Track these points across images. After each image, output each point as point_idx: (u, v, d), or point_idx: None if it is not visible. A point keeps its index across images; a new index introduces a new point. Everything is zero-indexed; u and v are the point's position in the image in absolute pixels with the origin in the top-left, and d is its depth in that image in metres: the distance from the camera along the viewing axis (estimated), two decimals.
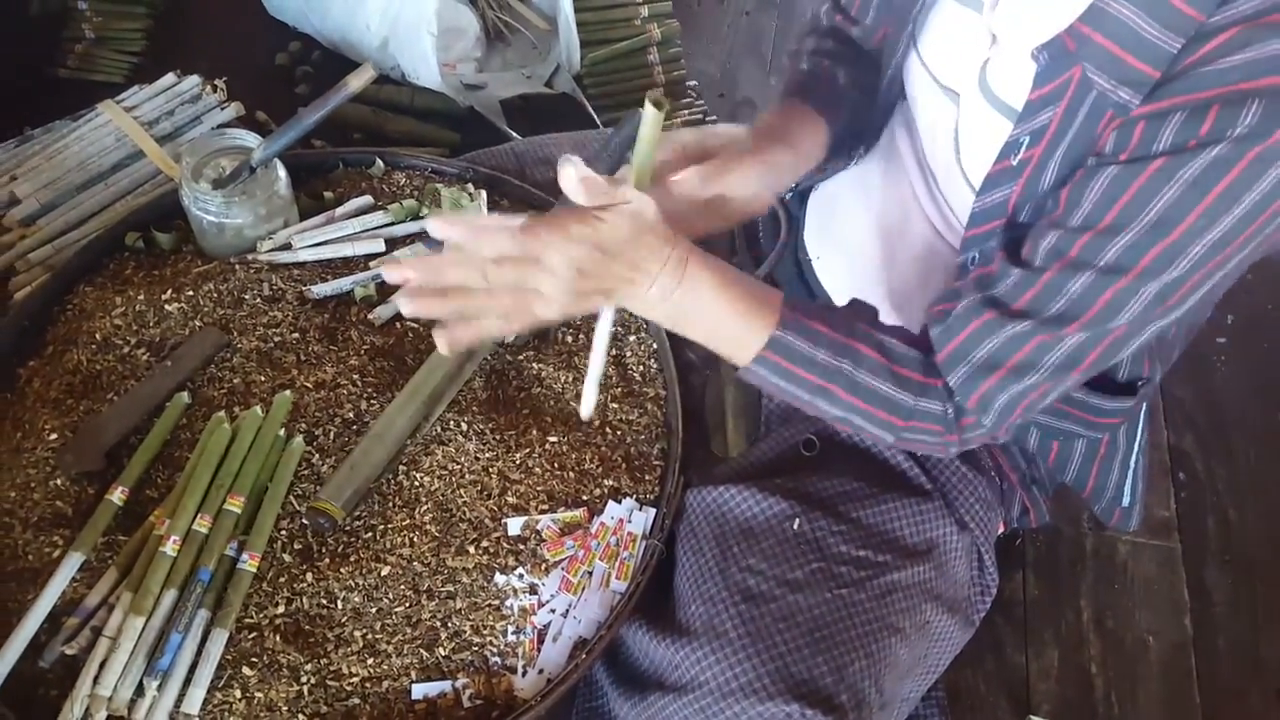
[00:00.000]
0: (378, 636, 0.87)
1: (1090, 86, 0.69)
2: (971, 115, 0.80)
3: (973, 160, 0.81)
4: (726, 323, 0.76)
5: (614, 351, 1.06)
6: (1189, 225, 0.65)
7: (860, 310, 0.82)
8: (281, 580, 0.89)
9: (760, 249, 1.14)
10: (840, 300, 1.02)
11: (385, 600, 0.88)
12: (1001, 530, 1.06)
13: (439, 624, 0.88)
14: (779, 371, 0.77)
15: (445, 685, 0.85)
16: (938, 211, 0.91)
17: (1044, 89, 0.72)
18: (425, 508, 0.93)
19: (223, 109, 1.38)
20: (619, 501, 0.95)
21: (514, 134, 1.50)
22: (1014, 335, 0.73)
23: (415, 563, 0.90)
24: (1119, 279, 0.68)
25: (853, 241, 1.01)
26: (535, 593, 0.90)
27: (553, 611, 0.89)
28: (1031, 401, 0.76)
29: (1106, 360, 0.74)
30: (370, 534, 0.92)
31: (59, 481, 0.92)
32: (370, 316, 1.05)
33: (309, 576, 0.89)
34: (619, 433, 1.00)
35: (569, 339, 1.06)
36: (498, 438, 0.97)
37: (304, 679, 0.84)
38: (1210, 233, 0.65)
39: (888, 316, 0.98)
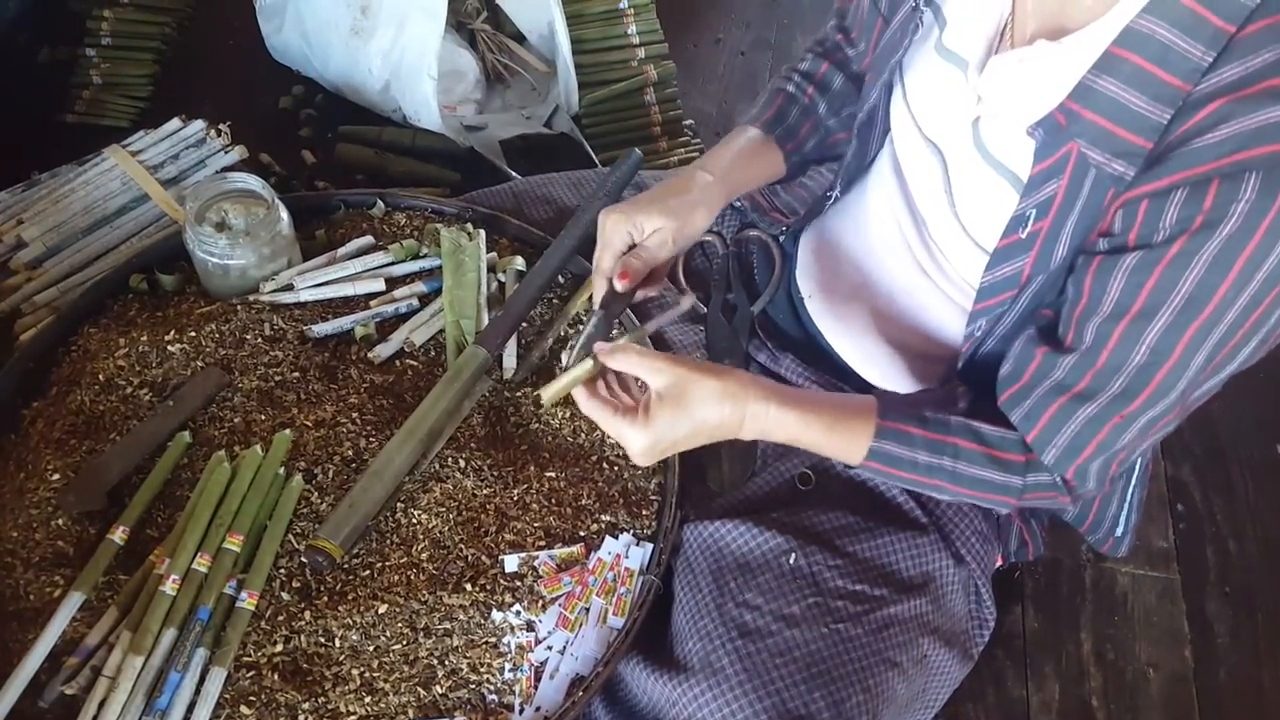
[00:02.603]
0: (375, 675, 0.87)
1: (1089, 159, 0.70)
2: (966, 172, 0.82)
3: (973, 216, 0.83)
4: (823, 444, 0.83)
5: None
6: (1219, 300, 0.67)
7: (954, 396, 0.85)
8: (280, 619, 0.89)
9: (755, 286, 1.15)
10: (835, 341, 1.03)
11: (383, 638, 0.89)
12: (1000, 564, 1.07)
13: (436, 662, 0.88)
14: (883, 475, 0.83)
15: None
16: (927, 254, 0.92)
17: (1044, 163, 0.73)
18: (422, 545, 0.93)
19: (227, 153, 1.41)
20: (616, 537, 0.96)
21: (513, 174, 1.52)
22: (1089, 419, 0.76)
23: (412, 600, 0.90)
24: (1167, 358, 0.70)
25: (844, 281, 1.03)
26: (532, 630, 0.90)
27: (550, 648, 0.90)
28: (1124, 459, 0.79)
29: (1180, 418, 0.76)
30: (368, 572, 0.92)
31: (61, 521, 0.93)
32: (370, 355, 1.07)
33: (307, 615, 0.89)
34: (616, 468, 1.01)
35: (564, 364, 1.07)
36: (495, 474, 0.98)
37: (302, 718, 0.84)
38: (1240, 299, 0.66)
39: (880, 354, 0.99)
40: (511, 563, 0.93)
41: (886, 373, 1.00)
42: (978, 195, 0.81)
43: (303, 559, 0.92)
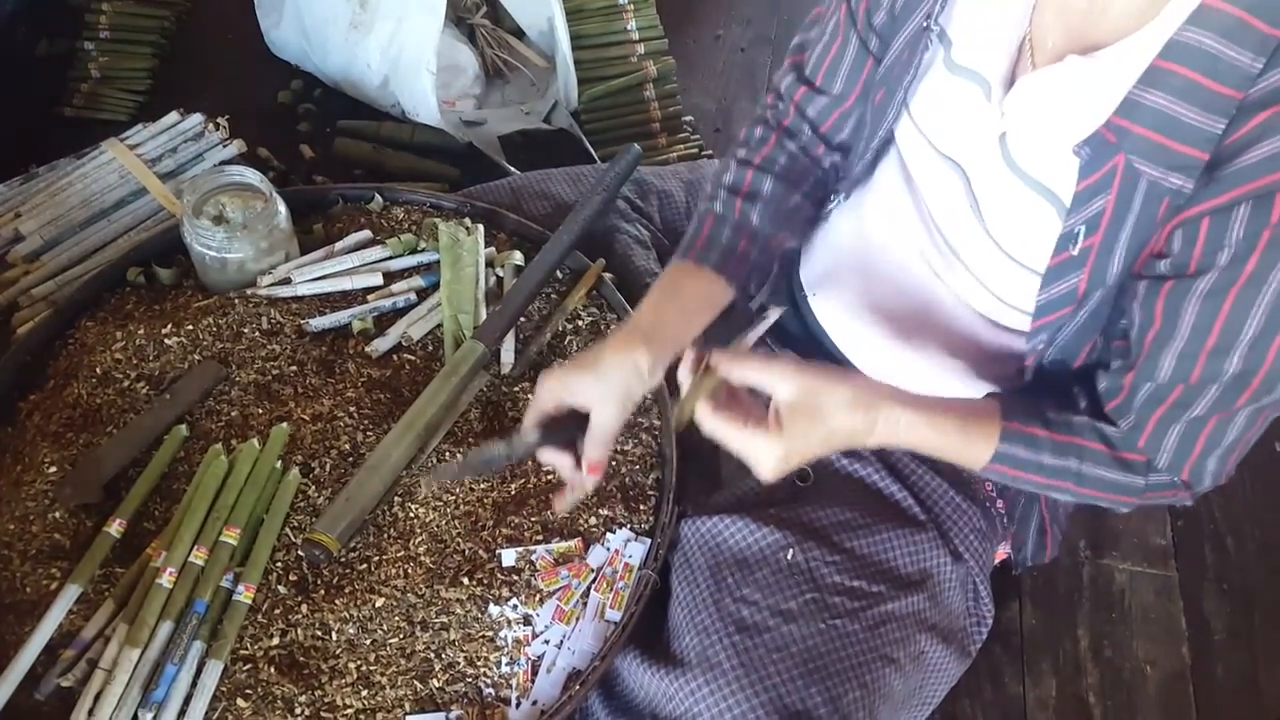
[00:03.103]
0: (372, 668, 0.87)
1: (1139, 173, 0.69)
2: (994, 189, 0.81)
3: (1006, 233, 0.82)
4: (951, 449, 0.81)
5: None
6: None
7: (1074, 396, 0.84)
8: (276, 612, 0.89)
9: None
10: (838, 338, 1.03)
11: (379, 632, 0.89)
12: (999, 560, 1.06)
13: (433, 655, 0.88)
14: (1009, 478, 0.81)
15: (439, 717, 0.85)
16: (942, 260, 0.91)
17: (1090, 179, 0.72)
18: (419, 539, 0.93)
19: (225, 146, 1.41)
20: (614, 531, 0.96)
21: (512, 169, 1.52)
22: (1192, 420, 0.75)
23: (409, 594, 0.90)
24: (1261, 365, 0.70)
25: (848, 278, 1.02)
26: (529, 623, 0.90)
27: (546, 642, 0.90)
28: (1240, 452, 0.78)
29: None
30: (365, 565, 0.92)
31: (57, 514, 0.93)
32: (367, 349, 1.06)
33: (304, 608, 0.89)
34: (614, 463, 1.01)
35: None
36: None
37: (298, 711, 0.84)
38: None
39: (883, 353, 0.99)
40: (509, 557, 0.93)
41: (890, 373, 0.99)
42: (1011, 211, 0.80)
43: (300, 552, 0.92)
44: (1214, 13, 0.63)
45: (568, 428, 0.84)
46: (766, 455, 0.75)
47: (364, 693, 0.86)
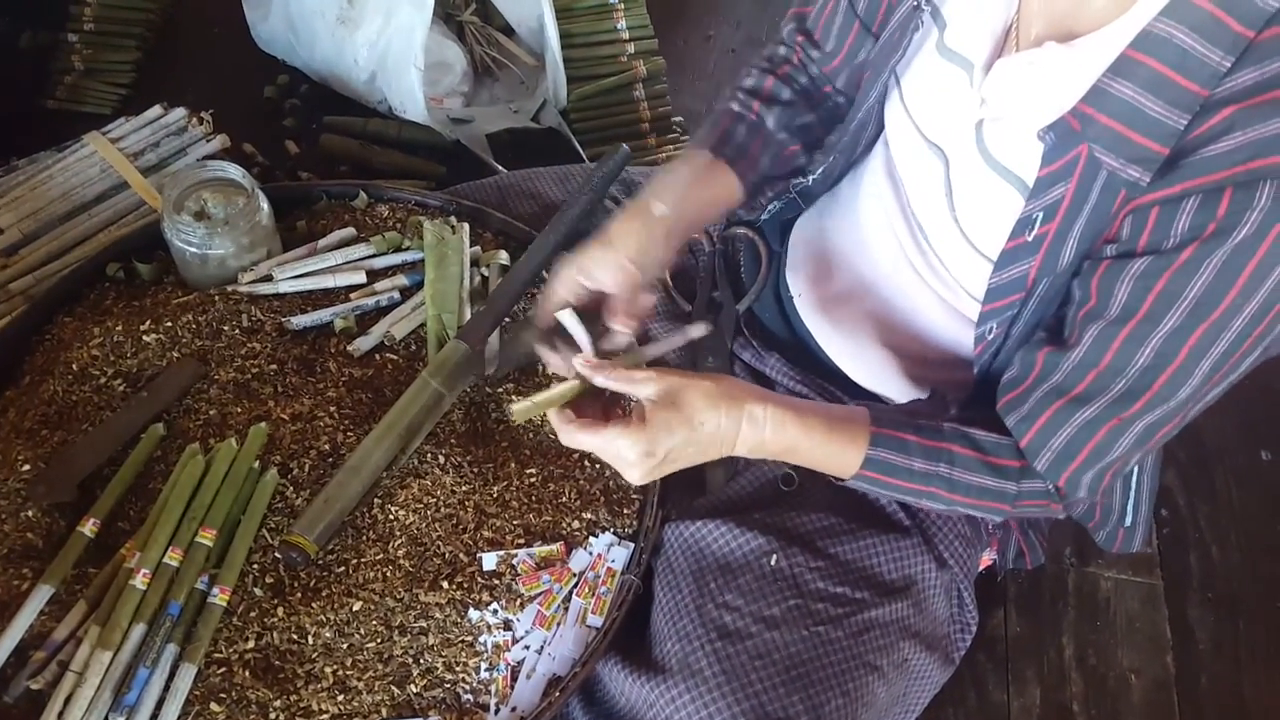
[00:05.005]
0: (348, 673, 0.86)
1: (1100, 164, 0.69)
2: (967, 175, 0.81)
3: (972, 220, 0.82)
4: (820, 452, 0.81)
5: None
6: (1227, 305, 0.66)
7: (945, 403, 0.84)
8: (252, 615, 0.88)
9: (741, 284, 1.14)
10: (823, 340, 1.02)
11: (357, 636, 0.87)
12: (984, 566, 1.06)
13: (411, 660, 0.87)
14: (880, 484, 0.81)
15: None
16: (922, 258, 0.91)
17: (1053, 166, 0.72)
18: (399, 542, 0.92)
19: (209, 141, 1.39)
20: (597, 536, 0.95)
21: (500, 167, 1.51)
22: (1086, 422, 0.75)
23: (388, 598, 0.89)
24: (1171, 362, 0.70)
25: (834, 280, 1.02)
26: (509, 629, 0.89)
27: (527, 648, 0.88)
28: (1116, 471, 0.78)
29: (1178, 429, 0.76)
30: (343, 568, 0.91)
31: (30, 513, 0.91)
32: (349, 348, 1.05)
33: (280, 611, 0.88)
34: (598, 466, 1.00)
35: (550, 373, 1.06)
36: (475, 471, 0.97)
37: (273, 716, 0.83)
38: (1248, 307, 0.66)
39: (870, 355, 0.98)
40: (490, 560, 0.92)
41: (876, 374, 0.99)
42: (979, 199, 0.80)
43: (277, 555, 0.90)
44: (1188, 6, 0.63)
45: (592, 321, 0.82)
46: (628, 451, 0.75)
47: (340, 698, 0.85)
